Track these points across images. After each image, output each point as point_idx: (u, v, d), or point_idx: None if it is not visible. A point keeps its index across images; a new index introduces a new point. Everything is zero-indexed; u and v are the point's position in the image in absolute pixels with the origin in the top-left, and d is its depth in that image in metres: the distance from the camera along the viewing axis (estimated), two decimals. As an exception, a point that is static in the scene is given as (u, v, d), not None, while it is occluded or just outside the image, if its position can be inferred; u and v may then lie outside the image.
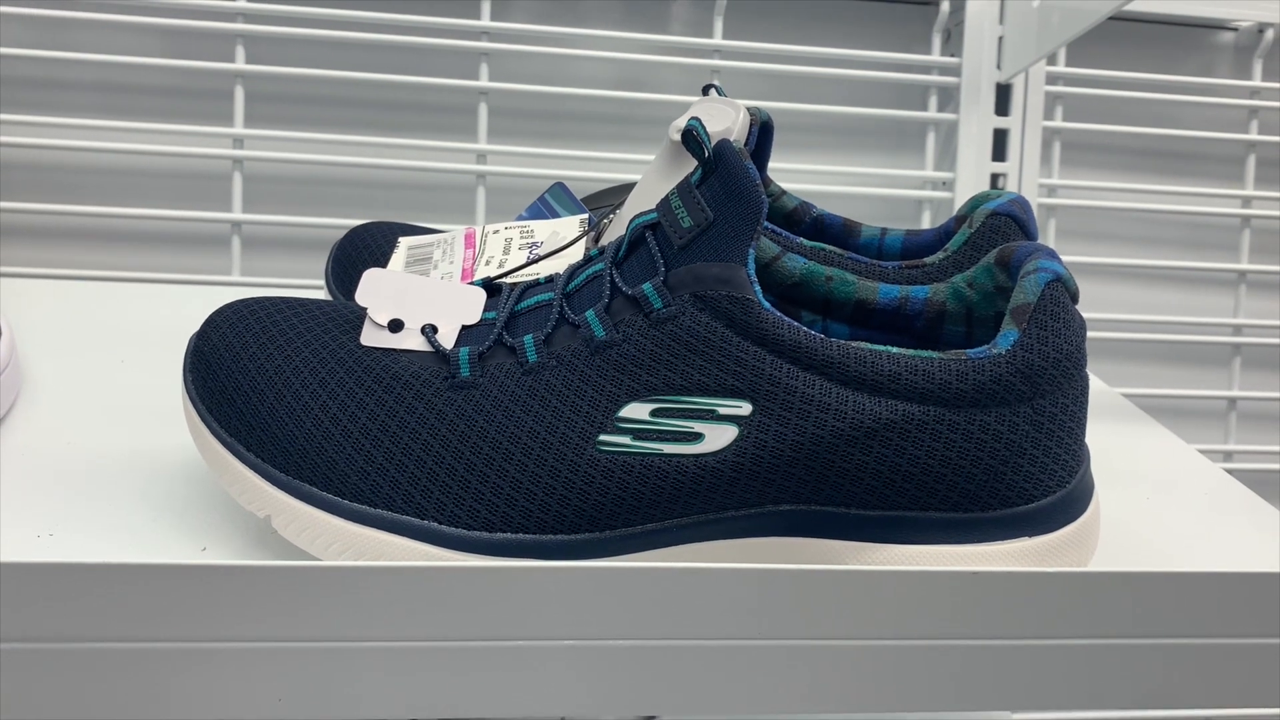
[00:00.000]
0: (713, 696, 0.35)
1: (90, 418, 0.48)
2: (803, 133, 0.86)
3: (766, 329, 0.35)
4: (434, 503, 0.36)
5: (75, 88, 0.78)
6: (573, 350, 0.36)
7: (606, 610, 0.34)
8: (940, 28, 0.85)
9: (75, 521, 0.39)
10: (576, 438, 0.36)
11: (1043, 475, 0.37)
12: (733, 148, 0.36)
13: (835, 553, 0.37)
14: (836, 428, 0.35)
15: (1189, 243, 0.93)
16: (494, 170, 0.80)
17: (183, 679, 0.33)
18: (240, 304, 0.40)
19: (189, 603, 0.32)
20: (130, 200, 0.79)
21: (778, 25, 0.85)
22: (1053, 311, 0.36)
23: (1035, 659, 0.36)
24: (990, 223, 0.46)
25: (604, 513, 0.36)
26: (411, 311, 0.38)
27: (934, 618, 0.35)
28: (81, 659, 0.32)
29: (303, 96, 0.81)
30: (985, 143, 0.84)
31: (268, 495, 0.36)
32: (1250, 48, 0.91)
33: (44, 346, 0.56)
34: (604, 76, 0.84)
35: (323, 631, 0.33)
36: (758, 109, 0.48)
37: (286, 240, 0.81)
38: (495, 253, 0.52)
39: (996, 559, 0.37)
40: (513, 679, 0.34)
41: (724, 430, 0.35)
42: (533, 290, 0.39)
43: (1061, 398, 0.37)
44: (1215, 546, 0.46)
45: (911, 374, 0.36)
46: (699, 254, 0.36)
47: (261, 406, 0.37)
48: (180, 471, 0.43)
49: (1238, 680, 0.38)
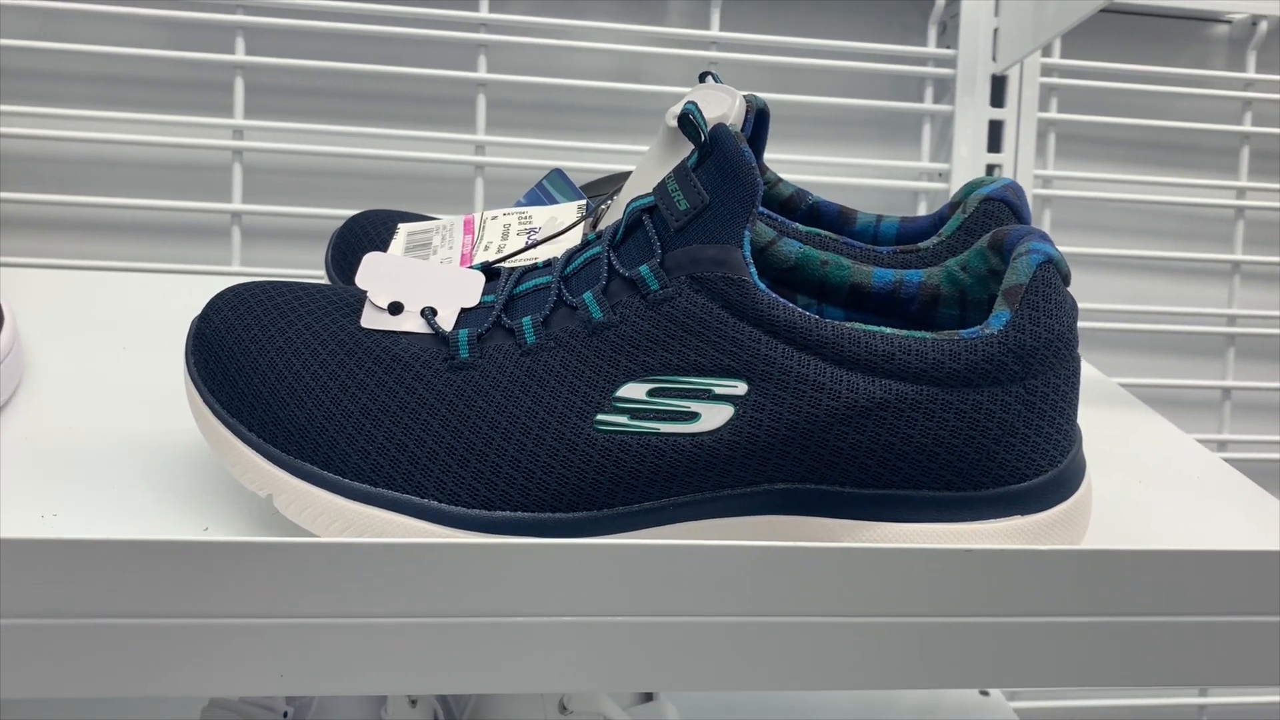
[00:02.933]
0: (710, 672, 0.36)
1: (92, 402, 0.48)
2: (799, 124, 0.87)
3: (762, 309, 0.36)
4: (434, 481, 0.36)
5: (76, 79, 0.79)
6: (570, 331, 0.37)
7: (604, 587, 0.34)
8: (936, 19, 0.85)
9: (78, 503, 0.39)
10: (574, 417, 0.36)
11: (1035, 454, 0.37)
12: (729, 131, 0.37)
13: (830, 530, 0.37)
14: (831, 407, 0.36)
15: (1184, 234, 0.94)
16: (492, 161, 0.80)
17: (186, 655, 0.33)
18: (242, 287, 0.40)
19: (192, 579, 0.33)
20: (131, 191, 0.79)
21: (774, 17, 0.86)
22: (1044, 292, 0.37)
23: (1027, 636, 0.37)
24: (983, 207, 0.46)
25: (602, 491, 0.36)
26: (411, 294, 0.39)
27: (927, 595, 0.36)
28: (85, 635, 0.32)
29: (302, 88, 0.81)
30: (980, 134, 0.85)
31: (269, 474, 0.37)
32: (1244, 40, 0.91)
33: (46, 334, 0.56)
34: (602, 68, 0.84)
35: (324, 608, 0.33)
36: (754, 96, 0.48)
37: (286, 231, 0.82)
38: (494, 238, 0.52)
39: (989, 537, 0.37)
40: (512, 655, 0.34)
41: (720, 410, 0.36)
42: (531, 273, 0.40)
43: (1053, 378, 0.37)
44: (1210, 529, 0.46)
45: (905, 354, 0.36)
46: (695, 236, 0.36)
47: (263, 387, 0.37)
48: (182, 453, 0.43)
49: (1230, 658, 0.38)
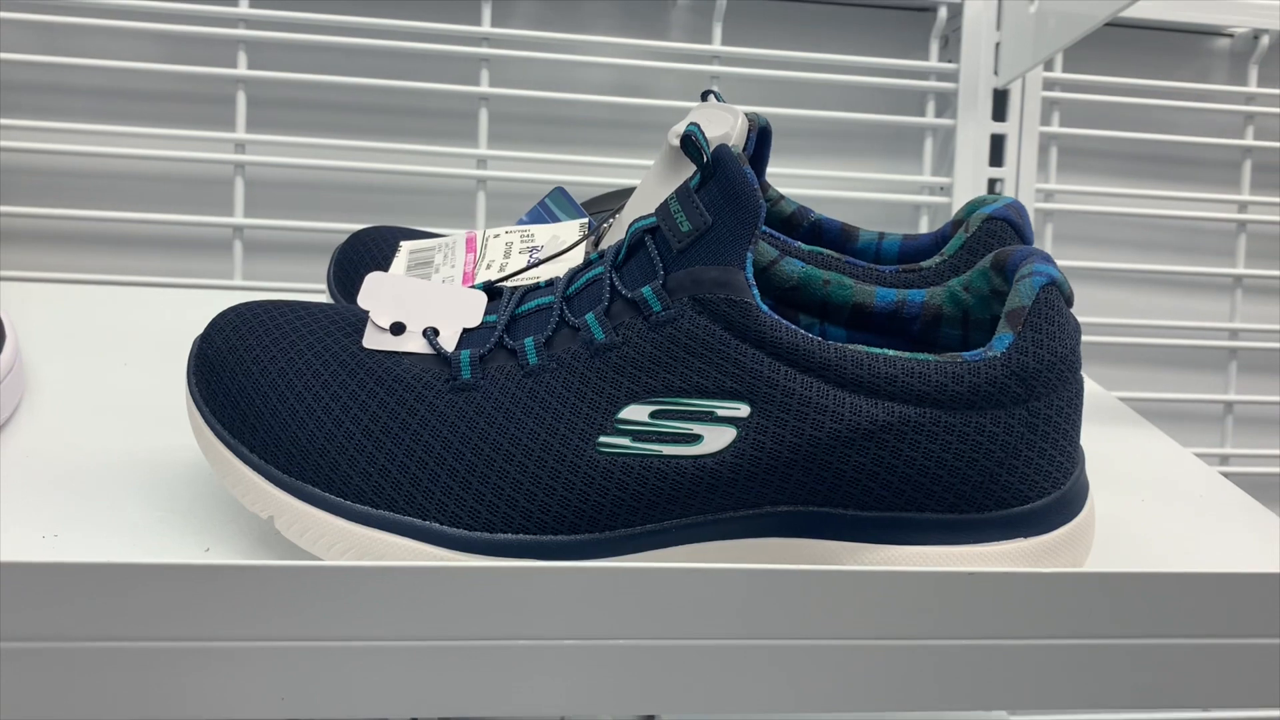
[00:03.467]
0: (711, 696, 0.35)
1: (93, 420, 0.48)
2: (801, 138, 0.87)
3: (765, 331, 0.36)
4: (436, 503, 0.36)
5: (78, 93, 0.79)
6: (573, 353, 0.37)
7: (606, 610, 0.34)
8: (938, 34, 0.85)
9: (79, 523, 0.39)
10: (576, 439, 0.36)
11: (1038, 477, 0.37)
12: (731, 153, 0.37)
13: (832, 553, 0.37)
14: (834, 429, 0.36)
15: (1185, 247, 0.94)
16: (494, 175, 0.80)
17: (186, 678, 0.33)
18: (243, 307, 0.40)
19: (193, 602, 0.32)
20: (132, 205, 0.79)
21: (776, 31, 0.86)
22: (1047, 315, 0.37)
23: (1031, 659, 0.37)
24: (986, 227, 0.46)
25: (604, 513, 0.36)
26: (413, 314, 0.39)
27: (930, 618, 0.36)
28: (85, 659, 0.32)
29: (304, 102, 0.81)
30: (982, 148, 0.85)
31: (271, 496, 0.37)
32: (1246, 54, 0.91)
33: (47, 350, 0.56)
34: (603, 82, 0.84)
35: (325, 631, 0.33)
36: (756, 114, 0.48)
37: (288, 245, 0.82)
38: (496, 256, 0.52)
39: (992, 559, 0.37)
40: (513, 678, 0.34)
41: (722, 432, 0.36)
42: (533, 293, 0.40)
43: (1056, 400, 0.37)
44: (1211, 548, 0.46)
45: (908, 376, 0.36)
46: (698, 257, 0.36)
47: (265, 408, 0.37)
48: (183, 473, 0.43)
49: (1234, 680, 0.38)
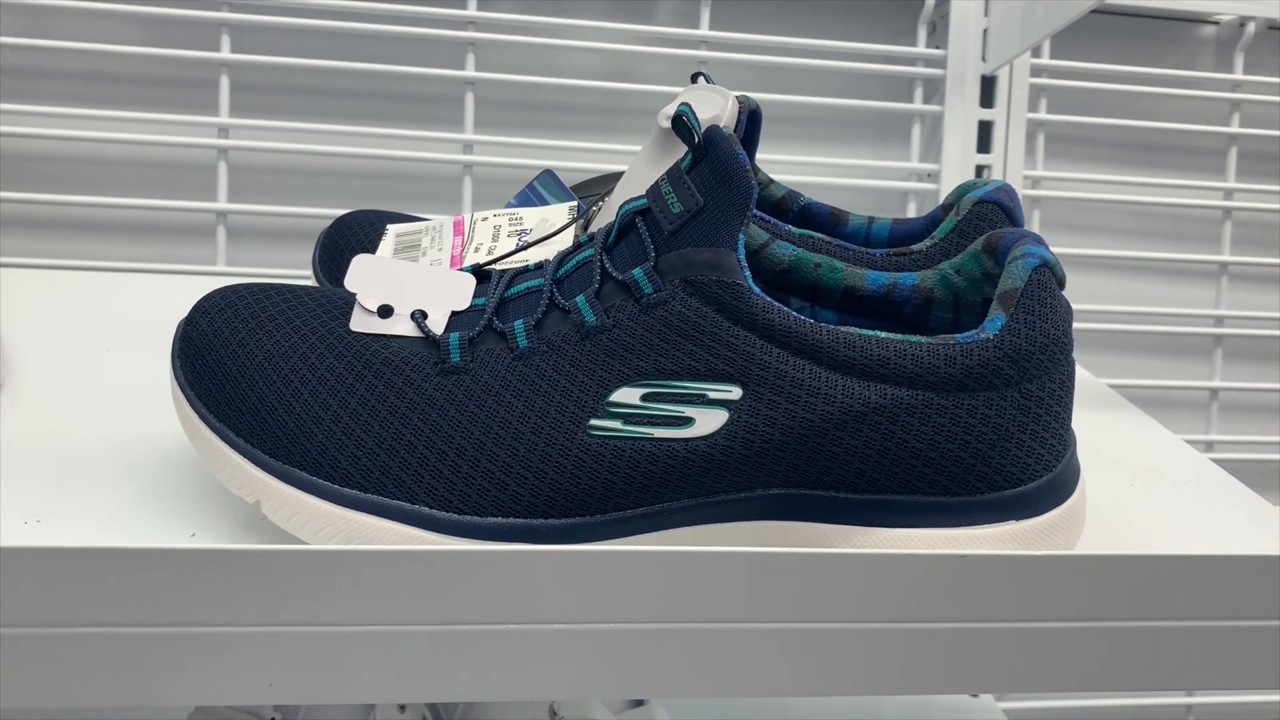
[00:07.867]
0: (703, 679, 0.35)
1: (77, 406, 0.48)
2: (788, 124, 0.86)
3: (756, 313, 0.35)
4: (425, 487, 0.36)
5: (59, 77, 0.78)
6: (563, 335, 0.36)
7: (597, 593, 0.34)
8: (926, 20, 0.85)
9: (63, 508, 0.39)
10: (567, 422, 0.36)
11: (1030, 459, 0.37)
12: (723, 133, 0.36)
13: (824, 536, 0.37)
14: (826, 412, 0.36)
15: (1171, 235, 0.94)
16: (481, 160, 0.80)
17: (173, 663, 0.33)
18: (229, 289, 0.40)
19: (178, 588, 0.32)
20: (114, 190, 0.78)
21: (764, 16, 0.85)
22: (1039, 296, 0.37)
23: (1022, 641, 0.36)
24: (977, 210, 0.46)
25: (595, 497, 0.36)
26: (401, 297, 0.38)
27: (922, 600, 0.35)
28: (70, 645, 0.32)
29: (288, 86, 0.81)
30: (970, 134, 0.85)
31: (257, 480, 0.36)
32: (1232, 41, 0.91)
33: (28, 336, 0.55)
34: (591, 67, 0.84)
35: (313, 616, 0.33)
36: (746, 97, 0.48)
37: (272, 230, 0.81)
38: (484, 240, 0.52)
39: (984, 542, 0.37)
40: (503, 662, 0.34)
41: (714, 414, 0.36)
42: (522, 276, 0.39)
43: (1048, 382, 0.37)
44: (1201, 532, 0.46)
45: (900, 358, 0.36)
46: (689, 239, 0.36)
47: (250, 392, 0.37)
48: (168, 458, 0.43)
49: (1224, 663, 0.38)
